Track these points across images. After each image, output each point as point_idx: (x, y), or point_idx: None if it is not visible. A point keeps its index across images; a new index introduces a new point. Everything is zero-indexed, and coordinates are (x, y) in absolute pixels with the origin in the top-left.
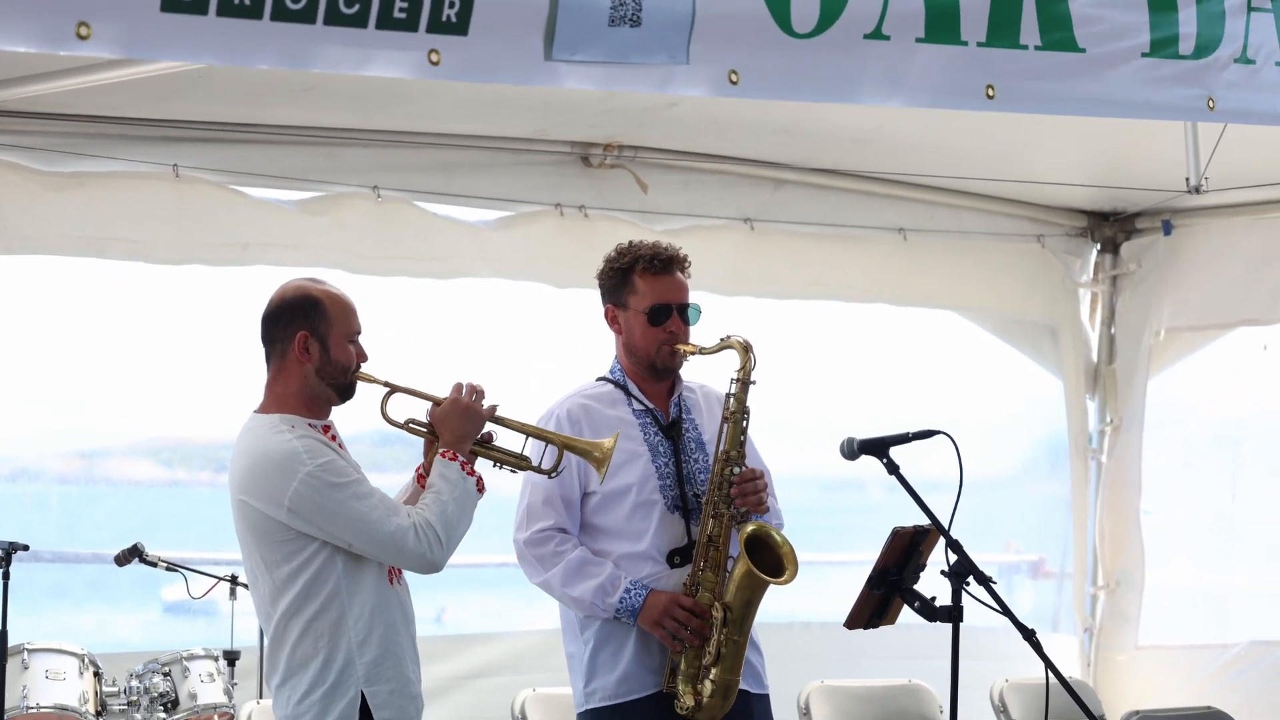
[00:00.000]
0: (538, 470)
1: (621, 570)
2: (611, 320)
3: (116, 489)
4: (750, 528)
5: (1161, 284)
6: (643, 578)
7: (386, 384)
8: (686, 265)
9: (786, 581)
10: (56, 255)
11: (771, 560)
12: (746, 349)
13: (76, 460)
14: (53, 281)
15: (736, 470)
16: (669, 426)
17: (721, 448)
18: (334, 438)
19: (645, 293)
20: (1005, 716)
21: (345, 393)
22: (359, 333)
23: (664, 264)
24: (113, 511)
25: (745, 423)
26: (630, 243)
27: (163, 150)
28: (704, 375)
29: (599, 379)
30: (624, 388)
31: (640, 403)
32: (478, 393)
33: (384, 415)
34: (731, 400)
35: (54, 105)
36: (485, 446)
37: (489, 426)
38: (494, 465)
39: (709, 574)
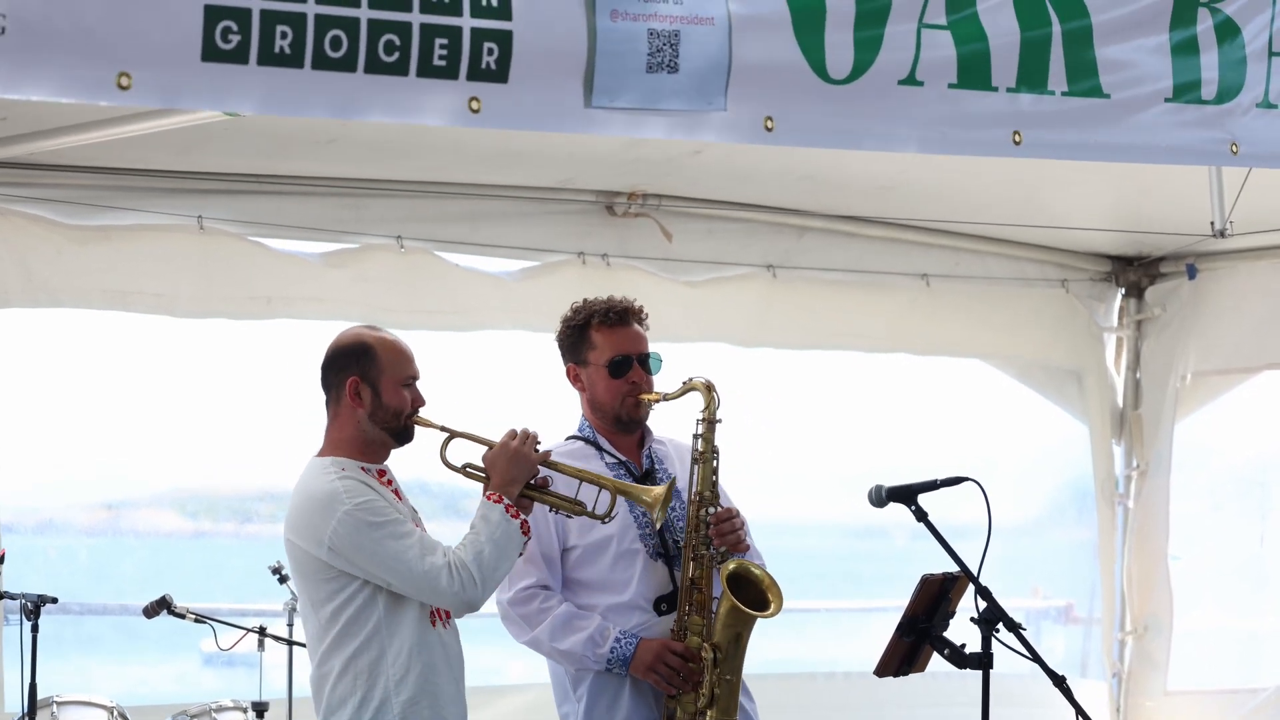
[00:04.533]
0: (591, 515)
1: (609, 621)
2: (574, 379)
3: (143, 541)
4: (731, 565)
5: (1186, 328)
6: (632, 627)
7: (444, 428)
8: (643, 317)
9: (772, 614)
10: (81, 308)
11: (755, 595)
12: (709, 388)
13: (102, 512)
14: (78, 334)
15: (712, 511)
16: (643, 476)
17: (695, 489)
18: (389, 483)
19: (604, 346)
20: None
21: (401, 436)
22: (415, 378)
23: (619, 315)
24: (140, 563)
25: (715, 462)
26: (584, 300)
27: (187, 202)
28: (671, 423)
29: (569, 437)
30: (595, 444)
31: (613, 455)
32: (530, 438)
33: (443, 460)
34: (699, 441)
35: (78, 158)
36: (540, 491)
37: (545, 472)
38: (549, 510)
39: (695, 617)
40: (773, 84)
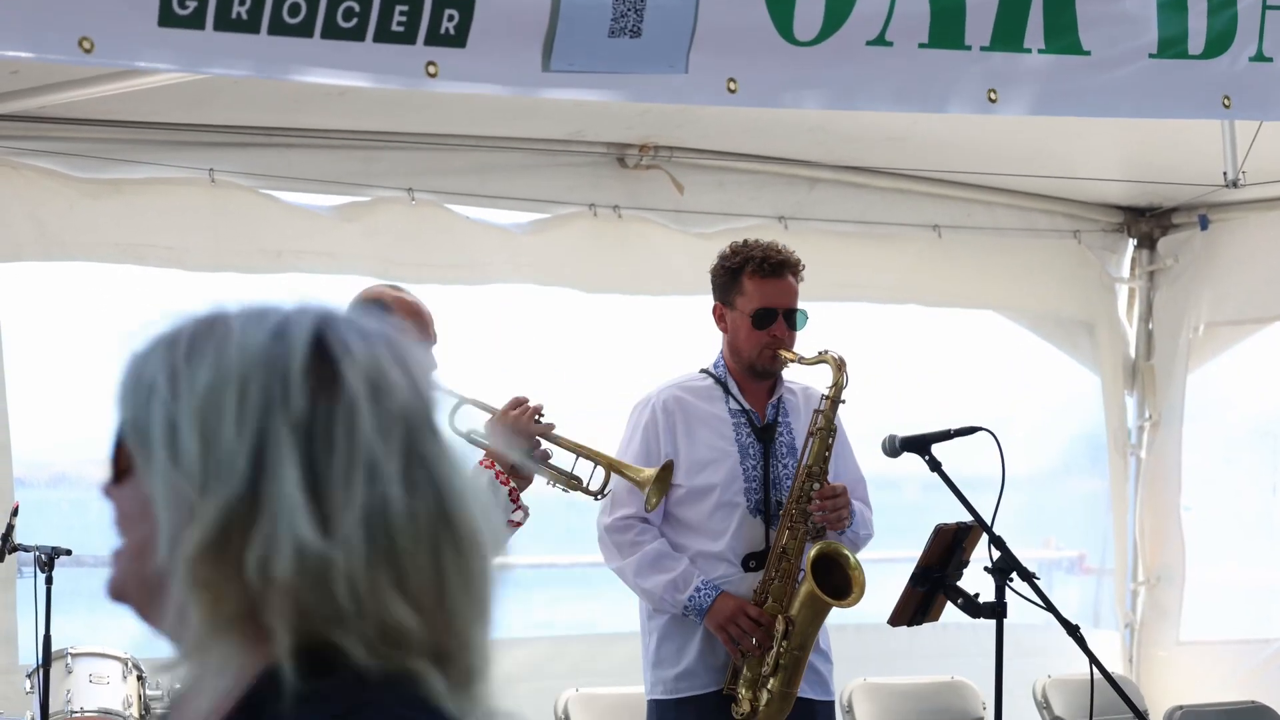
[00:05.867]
0: (586, 491)
1: (696, 568)
2: (719, 318)
3: None
4: (819, 547)
5: (1199, 279)
6: (715, 578)
7: (450, 392)
8: (800, 269)
9: (850, 604)
10: (94, 262)
11: (841, 579)
12: (840, 367)
13: None
14: (90, 288)
15: (818, 485)
16: (763, 429)
17: (805, 461)
18: None
19: (753, 295)
20: (1048, 713)
21: None
22: (430, 342)
23: (774, 268)
24: None
25: (831, 439)
26: (745, 241)
27: (198, 155)
28: (806, 377)
29: (701, 370)
30: (723, 384)
31: (737, 402)
32: (530, 410)
33: (450, 425)
34: (820, 417)
35: (90, 112)
36: (538, 463)
37: (545, 444)
38: (547, 482)
39: (779, 584)
40: (736, 46)
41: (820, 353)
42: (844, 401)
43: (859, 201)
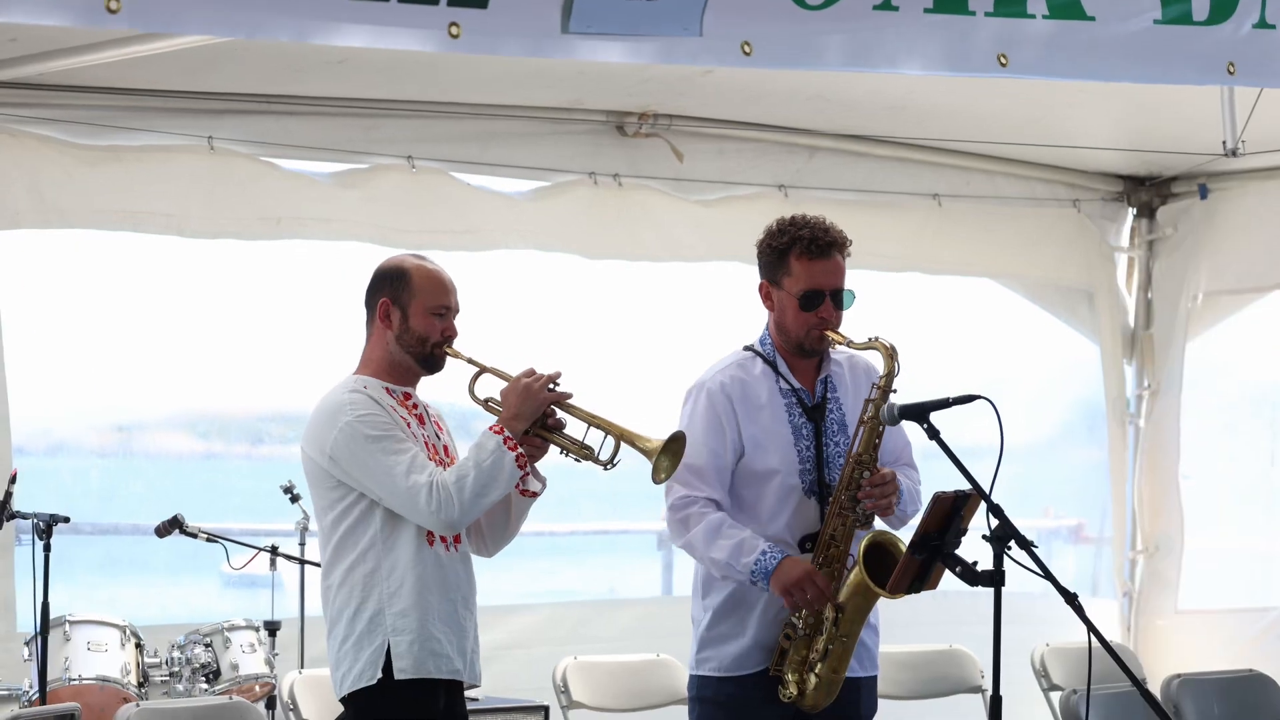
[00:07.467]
0: (596, 461)
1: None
2: (765, 296)
3: (154, 462)
4: (873, 537)
5: (1198, 248)
6: None
7: (471, 361)
8: (847, 247)
9: (899, 595)
10: (92, 229)
11: (891, 568)
12: (892, 355)
13: (113, 434)
14: (89, 255)
15: (867, 474)
16: (813, 408)
17: (855, 450)
18: (414, 406)
19: (800, 276)
20: (1046, 681)
21: (428, 364)
22: (449, 309)
23: (822, 249)
24: (151, 485)
25: (881, 429)
26: (792, 219)
27: (197, 123)
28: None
29: (746, 348)
30: (773, 364)
31: (787, 382)
32: (544, 378)
33: (470, 393)
34: (870, 406)
35: (89, 79)
36: (550, 432)
37: (560, 414)
38: (560, 452)
39: (825, 570)
40: (750, 9)
41: (871, 338)
42: (895, 391)
43: (859, 170)
